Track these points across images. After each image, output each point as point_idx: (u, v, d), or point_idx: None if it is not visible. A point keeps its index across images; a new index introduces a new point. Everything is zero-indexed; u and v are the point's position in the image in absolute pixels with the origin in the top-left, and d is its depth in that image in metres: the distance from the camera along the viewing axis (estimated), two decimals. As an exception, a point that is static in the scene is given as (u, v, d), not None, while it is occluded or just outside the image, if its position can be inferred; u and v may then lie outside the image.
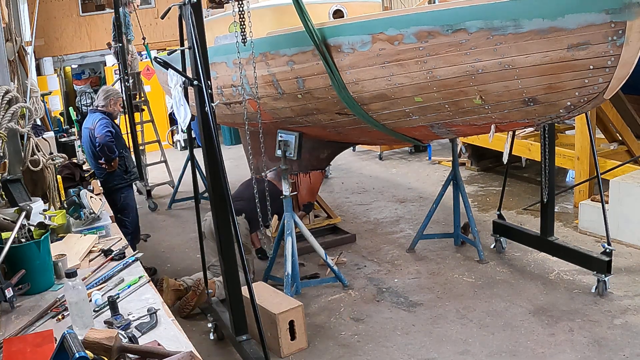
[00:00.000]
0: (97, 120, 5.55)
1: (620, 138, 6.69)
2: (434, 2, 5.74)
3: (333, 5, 5.26)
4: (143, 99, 8.95)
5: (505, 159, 4.56)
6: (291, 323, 4.17)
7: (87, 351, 1.82)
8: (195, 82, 3.38)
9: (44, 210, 3.59)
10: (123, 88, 8.45)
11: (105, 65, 12.77)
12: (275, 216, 5.89)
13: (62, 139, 6.05)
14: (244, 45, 4.12)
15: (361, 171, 9.35)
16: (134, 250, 3.41)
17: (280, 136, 5.03)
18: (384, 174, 9.06)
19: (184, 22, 3.52)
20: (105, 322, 2.53)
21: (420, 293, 4.96)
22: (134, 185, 6.09)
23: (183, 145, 11.73)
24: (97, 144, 5.48)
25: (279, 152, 5.01)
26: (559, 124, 6.99)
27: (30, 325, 2.53)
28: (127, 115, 8.45)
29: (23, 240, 2.88)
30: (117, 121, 5.91)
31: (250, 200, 4.89)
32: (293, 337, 4.19)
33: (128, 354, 2.13)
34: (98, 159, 5.55)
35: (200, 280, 4.76)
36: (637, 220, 5.41)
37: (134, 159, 6.06)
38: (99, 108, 5.68)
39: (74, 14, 12.71)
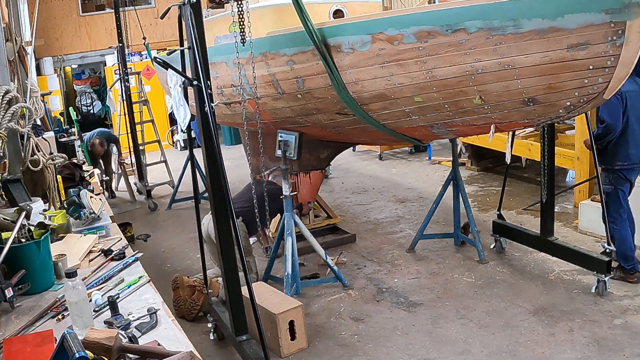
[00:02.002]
0: None
1: (620, 138, 6.69)
2: (434, 2, 5.74)
3: (333, 5, 5.27)
4: (144, 98, 8.97)
5: (507, 159, 4.57)
6: (291, 323, 4.16)
7: (87, 351, 1.82)
8: (195, 82, 3.39)
9: (44, 210, 3.60)
10: (123, 88, 8.46)
11: (105, 65, 12.79)
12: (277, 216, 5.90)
13: (62, 139, 6.07)
14: (243, 46, 4.12)
15: (361, 171, 9.35)
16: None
17: (280, 136, 5.03)
18: (384, 174, 9.06)
19: (183, 22, 3.52)
20: (105, 322, 2.53)
21: (420, 293, 4.96)
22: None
23: (183, 145, 11.74)
24: None
25: (279, 152, 5.01)
26: (559, 124, 6.99)
27: (30, 325, 2.53)
28: (127, 116, 8.47)
29: (23, 240, 2.88)
30: None
31: (247, 202, 4.89)
32: (293, 337, 4.19)
33: (128, 354, 2.13)
34: None
35: (209, 279, 4.72)
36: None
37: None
38: None
39: (74, 14, 12.72)
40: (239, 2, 4.05)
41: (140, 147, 8.77)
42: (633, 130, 4.60)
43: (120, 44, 8.38)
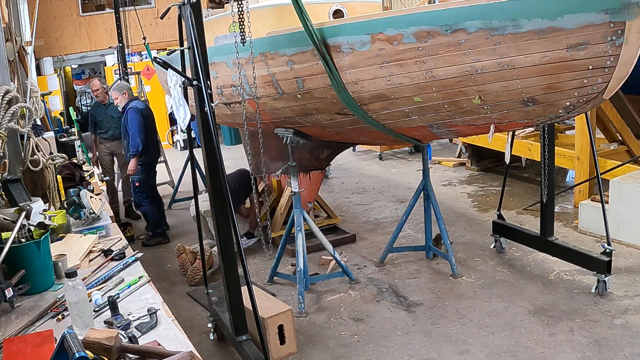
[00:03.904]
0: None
1: (620, 138, 6.70)
2: (434, 2, 5.74)
3: (333, 5, 5.26)
4: (144, 98, 8.96)
5: (507, 159, 4.57)
6: (280, 327, 4.08)
7: (87, 351, 1.82)
8: (195, 82, 3.39)
9: (44, 210, 3.60)
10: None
11: (105, 65, 12.79)
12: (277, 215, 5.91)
13: (62, 139, 6.07)
14: (243, 46, 4.11)
15: (361, 171, 9.35)
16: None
17: (279, 134, 5.05)
18: (384, 174, 9.06)
19: (183, 22, 3.52)
20: (105, 322, 2.53)
21: (420, 293, 4.96)
22: None
23: (183, 145, 11.74)
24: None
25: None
26: (559, 124, 6.99)
27: (30, 325, 2.54)
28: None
29: (23, 240, 2.88)
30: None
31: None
32: (282, 342, 4.10)
33: (128, 354, 2.14)
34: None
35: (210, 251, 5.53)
36: (637, 220, 5.41)
37: None
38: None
39: (74, 14, 12.72)
40: (239, 2, 4.05)
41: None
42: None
43: (120, 44, 8.39)
